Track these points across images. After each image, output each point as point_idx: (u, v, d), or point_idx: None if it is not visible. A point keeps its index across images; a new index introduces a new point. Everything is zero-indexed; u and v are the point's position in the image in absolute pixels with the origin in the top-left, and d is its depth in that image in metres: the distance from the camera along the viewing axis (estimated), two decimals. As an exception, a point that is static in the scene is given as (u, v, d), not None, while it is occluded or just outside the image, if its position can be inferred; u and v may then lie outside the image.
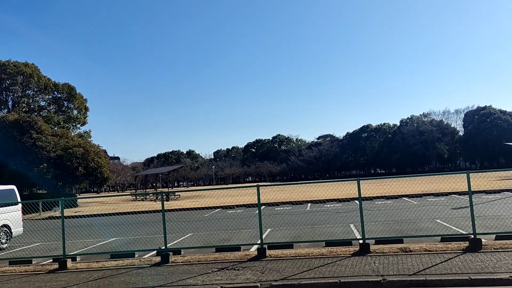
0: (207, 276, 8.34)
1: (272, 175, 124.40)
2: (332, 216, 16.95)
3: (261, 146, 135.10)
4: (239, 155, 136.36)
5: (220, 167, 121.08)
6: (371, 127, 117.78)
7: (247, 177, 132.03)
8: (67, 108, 54.07)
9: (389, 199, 23.81)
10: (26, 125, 37.56)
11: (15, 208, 15.46)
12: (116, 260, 10.52)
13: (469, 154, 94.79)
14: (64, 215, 11.10)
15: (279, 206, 23.85)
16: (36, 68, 51.13)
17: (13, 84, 49.82)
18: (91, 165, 38.03)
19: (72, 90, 53.40)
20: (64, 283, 8.69)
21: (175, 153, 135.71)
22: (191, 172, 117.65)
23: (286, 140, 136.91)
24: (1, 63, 49.00)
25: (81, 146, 38.91)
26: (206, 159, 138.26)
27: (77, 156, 37.23)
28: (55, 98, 53.63)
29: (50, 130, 40.61)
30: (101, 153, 41.29)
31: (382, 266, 8.08)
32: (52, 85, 52.26)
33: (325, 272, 7.95)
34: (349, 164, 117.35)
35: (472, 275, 7.15)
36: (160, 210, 10.86)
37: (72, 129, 53.79)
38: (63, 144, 38.17)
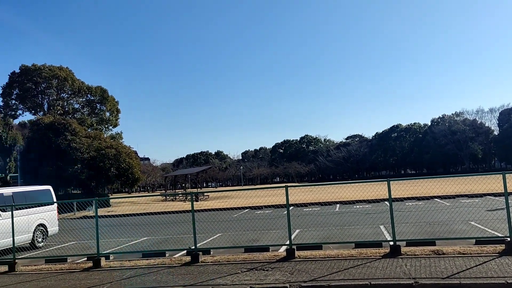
0: (237, 276, 8.40)
1: (300, 175, 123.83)
2: (362, 217, 16.73)
3: (289, 147, 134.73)
4: (267, 155, 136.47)
5: (248, 168, 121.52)
6: (401, 127, 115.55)
7: (275, 178, 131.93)
8: (99, 110, 55.65)
9: (420, 200, 23.30)
10: (61, 127, 38.86)
11: (51, 207, 16.02)
12: (148, 259, 10.74)
13: (505, 154, 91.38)
14: (98, 214, 11.43)
15: (307, 207, 23.74)
16: (70, 71, 52.84)
17: (49, 88, 51.67)
18: (123, 166, 38.92)
19: (105, 92, 54.92)
20: (98, 281, 8.94)
21: (204, 153, 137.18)
22: (219, 173, 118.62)
23: (314, 140, 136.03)
24: (37, 67, 50.88)
25: (113, 148, 39.91)
26: (234, 159, 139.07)
27: (109, 157, 38.20)
28: (88, 100, 55.30)
29: (84, 132, 41.87)
30: (132, 154, 42.21)
31: (414, 269, 7.92)
32: (86, 88, 53.91)
33: (355, 274, 7.87)
34: (378, 165, 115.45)
35: (509, 279, 6.90)
36: (190, 211, 11.02)
37: (105, 131, 55.32)
38: (96, 145, 39.25)
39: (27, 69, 51.21)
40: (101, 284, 8.60)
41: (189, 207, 11.01)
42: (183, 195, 42.87)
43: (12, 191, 14.83)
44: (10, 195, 14.31)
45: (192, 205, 10.86)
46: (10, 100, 53.03)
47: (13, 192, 14.70)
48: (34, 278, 9.66)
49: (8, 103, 53.08)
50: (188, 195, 41.21)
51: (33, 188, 16.47)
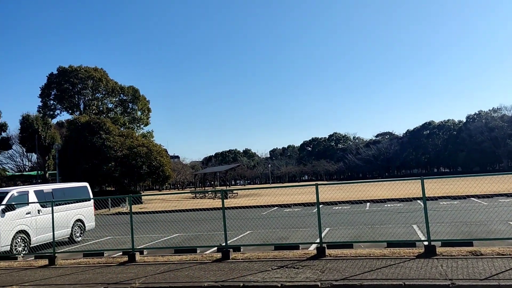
0: (267, 273, 8.45)
1: (328, 173, 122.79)
2: (393, 216, 16.45)
3: (317, 145, 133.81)
4: (295, 153, 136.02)
5: (276, 166, 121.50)
6: (433, 124, 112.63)
7: (303, 176, 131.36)
8: (131, 109, 57.06)
9: (455, 199, 22.69)
10: (96, 126, 40.06)
11: (88, 204, 16.59)
12: (180, 255, 10.95)
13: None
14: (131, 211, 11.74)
15: (337, 205, 23.55)
16: (104, 72, 54.41)
17: (84, 88, 53.39)
18: (154, 163, 39.72)
19: (136, 92, 56.24)
20: (133, 275, 9.19)
21: (232, 151, 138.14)
22: (247, 171, 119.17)
23: (343, 138, 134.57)
24: (73, 69, 52.65)
25: (144, 146, 40.79)
26: (262, 157, 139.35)
27: (141, 155, 39.07)
28: (121, 100, 56.80)
29: (117, 130, 43.01)
30: (163, 152, 43.00)
31: (451, 270, 7.73)
32: (119, 88, 55.38)
33: (388, 274, 7.76)
34: (409, 163, 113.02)
35: (552, 282, 6.65)
36: (219, 208, 11.16)
37: (136, 130, 56.68)
38: (128, 144, 40.23)
39: (64, 70, 53.08)
40: (136, 278, 8.84)
41: (218, 204, 11.17)
42: (212, 192, 43.36)
43: (52, 188, 15.43)
44: (50, 192, 14.89)
45: (223, 203, 10.98)
46: (49, 100, 55.16)
47: (52, 189, 15.29)
48: (73, 271, 10.03)
49: (47, 104, 55.22)
50: (217, 193, 41.68)
51: (71, 185, 17.10)
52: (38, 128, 41.56)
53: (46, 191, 14.83)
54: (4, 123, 43.76)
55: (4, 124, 43.73)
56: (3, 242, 12.70)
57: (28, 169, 60.86)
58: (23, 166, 62.59)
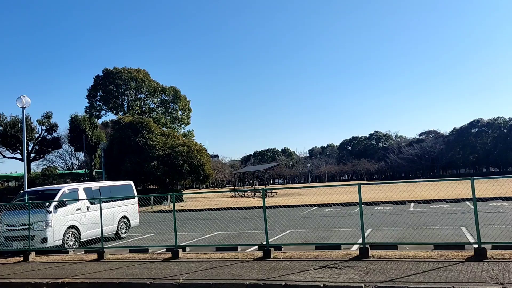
0: (309, 273, 8.40)
1: (369, 173, 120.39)
2: (440, 218, 15.89)
3: (357, 144, 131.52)
4: (334, 152, 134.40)
5: (315, 165, 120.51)
6: (482, 122, 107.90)
7: (343, 175, 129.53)
8: (172, 109, 58.38)
9: (506, 201, 21.62)
10: (139, 126, 41.29)
11: (133, 201, 17.12)
12: (222, 253, 11.09)
13: None
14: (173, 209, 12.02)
15: (379, 206, 23.06)
16: (147, 73, 56.00)
17: (128, 89, 55.16)
18: (195, 162, 40.42)
19: (177, 92, 57.48)
20: (177, 271, 9.40)
21: (271, 151, 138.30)
22: (286, 170, 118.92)
23: (384, 137, 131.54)
24: (117, 70, 54.52)
25: (185, 145, 41.59)
26: (301, 156, 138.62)
27: (182, 154, 39.86)
28: (163, 100, 58.23)
29: (159, 130, 44.12)
30: (203, 152, 43.68)
31: (502, 274, 7.38)
32: (160, 89, 56.80)
33: (435, 277, 7.51)
34: (456, 162, 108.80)
35: None
36: (259, 207, 11.22)
37: (177, 129, 57.91)
38: (170, 143, 41.17)
39: (109, 72, 55.13)
40: (180, 274, 9.04)
41: (258, 203, 11.24)
42: (251, 191, 43.59)
43: (99, 186, 16.06)
44: (97, 189, 15.51)
45: (264, 201, 11.00)
46: (95, 101, 57.46)
47: (100, 186, 15.91)
48: (121, 266, 10.40)
49: (93, 104, 57.54)
50: (256, 192, 41.87)
51: (116, 183, 17.72)
52: (85, 128, 43.38)
53: (94, 189, 15.45)
54: (54, 124, 45.98)
55: (54, 124, 45.94)
56: (55, 237, 13.33)
57: (76, 167, 63.78)
58: (72, 164, 65.70)
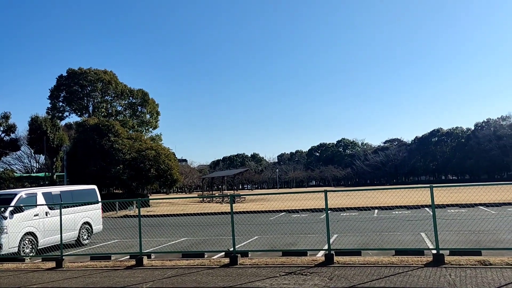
0: (275, 279, 8.44)
1: (336, 179, 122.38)
2: (402, 224, 16.35)
3: (325, 150, 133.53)
4: (302, 158, 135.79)
5: (284, 171, 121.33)
6: (442, 131, 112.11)
7: (311, 181, 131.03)
8: (140, 112, 57.42)
9: (463, 208, 22.47)
10: (105, 128, 40.34)
11: (96, 206, 16.68)
12: (188, 260, 10.96)
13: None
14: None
15: (345, 212, 23.45)
16: (114, 75, 54.87)
17: (94, 91, 53.85)
18: (162, 167, 39.86)
19: (146, 95, 56.62)
20: (141, 279, 9.22)
21: (240, 156, 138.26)
22: (255, 175, 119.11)
23: (351, 144, 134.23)
24: (83, 71, 53.14)
25: (153, 149, 40.96)
26: (270, 162, 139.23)
27: (149, 158, 39.23)
28: (130, 103, 57.19)
29: (126, 133, 43.26)
30: (171, 156, 43.15)
31: (459, 279, 7.67)
32: (128, 91, 55.78)
33: (396, 282, 7.72)
34: (417, 170, 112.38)
35: (563, 294, 6.57)
36: (227, 212, 11.18)
37: (145, 133, 56.95)
38: (137, 147, 40.44)
39: (74, 72, 53.62)
40: (143, 282, 8.87)
41: (226, 209, 11.19)
42: (220, 197, 43.39)
43: (60, 190, 15.54)
44: (58, 194, 15.00)
45: (232, 207, 10.99)
46: (58, 102, 55.66)
47: (61, 191, 15.39)
48: (81, 275, 10.09)
49: (56, 105, 55.71)
50: (225, 197, 41.69)
51: (79, 188, 17.21)
52: (47, 129, 41.87)
53: (54, 193, 14.94)
54: (13, 125, 44.24)
55: (13, 125, 44.20)
56: (11, 244, 12.80)
57: (36, 170, 61.43)
58: (31, 167, 63.20)
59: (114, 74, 55.13)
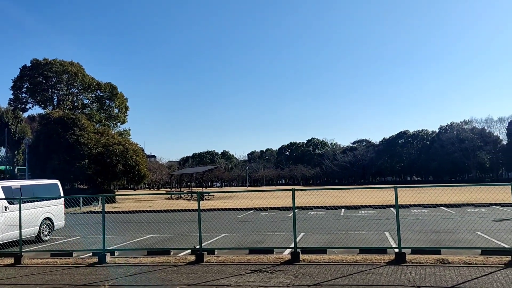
0: (241, 277, 8.43)
1: (305, 178, 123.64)
2: (367, 223, 16.69)
3: (295, 149, 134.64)
4: (273, 157, 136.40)
5: (254, 169, 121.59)
6: (408, 133, 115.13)
7: (280, 180, 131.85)
8: (108, 106, 56.01)
9: (426, 208, 23.19)
10: (70, 122, 39.15)
11: (58, 202, 16.15)
12: (153, 257, 10.79)
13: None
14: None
15: (312, 210, 23.70)
16: (81, 67, 53.24)
17: (59, 82, 52.08)
18: (130, 162, 39.10)
19: (114, 89, 55.27)
20: (103, 276, 9.00)
21: (210, 153, 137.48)
22: (224, 173, 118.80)
23: (320, 143, 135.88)
24: (48, 62, 51.30)
25: (120, 144, 40.09)
26: (240, 160, 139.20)
27: (116, 153, 38.39)
28: (98, 96, 55.67)
29: (92, 127, 42.14)
30: (139, 151, 42.38)
31: (419, 277, 7.89)
32: (96, 84, 54.26)
33: (359, 280, 7.86)
34: (384, 170, 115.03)
35: (515, 292, 6.87)
36: (195, 210, 11.08)
37: (113, 127, 55.64)
38: (103, 141, 39.47)
39: (38, 63, 51.65)
40: (105, 280, 8.66)
41: (194, 206, 11.09)
42: (188, 194, 43.02)
43: (21, 184, 14.95)
44: (18, 188, 14.43)
45: (199, 205, 10.90)
46: (20, 93, 53.47)
47: (21, 185, 14.82)
48: (40, 272, 9.75)
49: (18, 96, 53.53)
50: (193, 194, 41.34)
51: (41, 182, 16.62)
52: (8, 121, 40.29)
53: (14, 188, 14.36)
54: (-27, 116, 42.33)
55: (-27, 116, 42.31)
56: (-33, 239, 12.23)
57: (-4, 163, 59.02)
58: (-9, 160, 60.72)
59: (81, 66, 53.50)
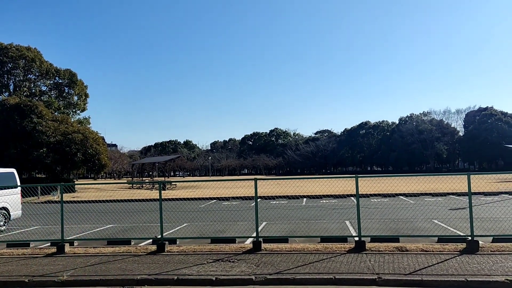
0: (202, 266, 8.41)
1: (268, 168, 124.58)
2: (328, 212, 17.03)
3: (258, 139, 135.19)
4: (236, 147, 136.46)
5: (217, 159, 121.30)
6: (369, 124, 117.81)
7: (243, 169, 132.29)
8: (67, 94, 53.99)
9: (385, 197, 23.87)
10: (27, 109, 37.49)
11: (15, 191, 15.51)
12: (113, 247, 10.59)
13: (469, 155, 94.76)
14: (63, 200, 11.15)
15: (275, 200, 23.95)
16: (38, 52, 50.91)
17: (15, 68, 49.64)
18: (90, 151, 38.00)
19: (74, 76, 53.30)
20: (62, 267, 8.75)
21: (173, 142, 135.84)
22: (187, 162, 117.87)
23: (283, 134, 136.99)
24: (3, 46, 48.75)
25: (80, 132, 38.86)
26: (203, 150, 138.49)
27: (76, 142, 37.19)
28: (56, 83, 53.53)
29: (51, 115, 40.56)
30: (99, 140, 41.25)
31: (378, 264, 8.15)
32: (54, 71, 52.11)
33: (320, 268, 8.03)
34: (345, 160, 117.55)
35: (469, 277, 7.19)
36: (157, 199, 10.94)
37: (72, 115, 53.80)
38: (62, 129, 38.12)
39: (-7, 47, 48.94)
40: (64, 270, 8.43)
41: (156, 195, 10.94)
42: (150, 183, 42.38)
43: (-27, 173, 14.23)
44: (-30, 177, 13.72)
45: (160, 194, 10.77)
46: (-27, 78, 50.61)
47: (-27, 174, 14.10)
48: (-7, 263, 9.35)
49: (-29, 81, 50.63)
50: (155, 184, 40.74)
51: (-5, 171, 15.88)
52: (-40, 107, 38.08)
53: (-33, 176, 13.66)
54: None
55: None
56: None
57: None
58: None
59: (39, 51, 51.09)
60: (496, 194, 23.61)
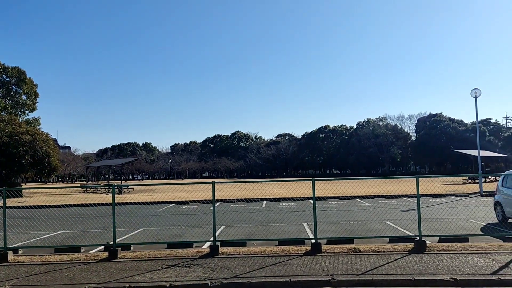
0: (156, 273, 8.13)
1: (229, 171, 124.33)
2: (287, 215, 17.08)
3: (220, 142, 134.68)
4: (197, 150, 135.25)
5: (177, 161, 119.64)
6: (328, 128, 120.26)
7: (204, 173, 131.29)
8: (15, 93, 51.48)
9: (342, 200, 24.32)
10: (-30, 108, 35.39)
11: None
12: (61, 255, 10.04)
13: (420, 158, 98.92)
14: (7, 205, 10.47)
15: (234, 203, 23.79)
16: (-17, 48, 48.22)
17: (-43, 64, 46.77)
18: (39, 153, 36.30)
19: (22, 74, 50.90)
20: (4, 276, 8.19)
21: (131, 145, 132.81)
22: (146, 165, 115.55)
23: (245, 137, 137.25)
24: None
25: (28, 134, 37.05)
26: (163, 152, 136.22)
27: (23, 143, 35.41)
28: (3, 82, 50.91)
29: (-4, 115, 38.48)
30: (50, 142, 39.53)
31: (332, 266, 8.20)
32: (1, 68, 49.54)
33: (276, 271, 7.96)
34: (306, 164, 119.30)
35: (416, 276, 7.40)
36: (111, 203, 10.49)
37: (20, 115, 51.32)
38: (9, 130, 36.20)
39: None
40: (6, 280, 7.88)
41: (111, 200, 10.47)
42: (105, 187, 41.05)
43: None
44: None
45: (113, 198, 10.35)
46: None
47: None
48: None
49: None
50: (111, 187, 39.42)
51: None
52: None
53: None
54: None
55: None
56: None
57: None
58: None
59: (-15, 47, 48.53)
60: (443, 196, 24.65)
